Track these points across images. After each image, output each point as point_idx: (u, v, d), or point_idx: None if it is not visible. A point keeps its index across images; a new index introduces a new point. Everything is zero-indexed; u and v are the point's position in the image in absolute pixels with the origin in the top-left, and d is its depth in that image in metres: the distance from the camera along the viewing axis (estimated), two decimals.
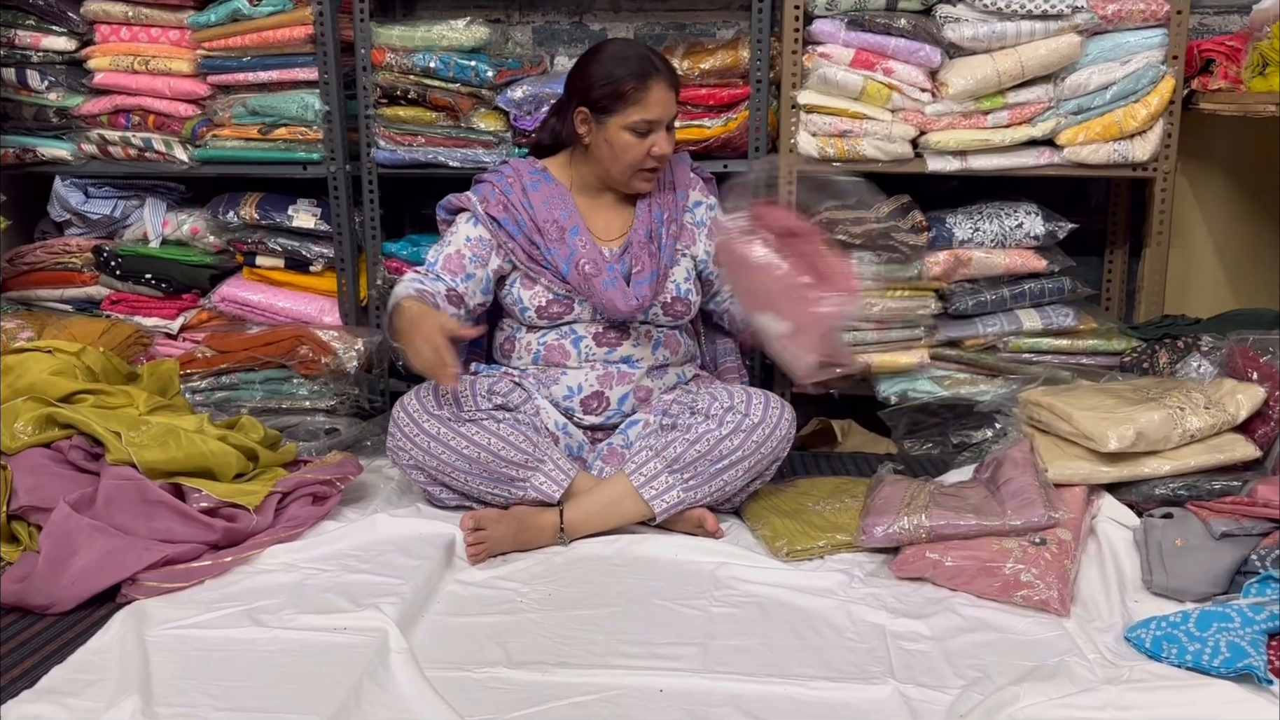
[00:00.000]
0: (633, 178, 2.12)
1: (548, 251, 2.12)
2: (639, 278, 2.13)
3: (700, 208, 2.24)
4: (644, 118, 2.05)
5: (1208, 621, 1.54)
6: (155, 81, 2.61)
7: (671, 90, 2.07)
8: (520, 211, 2.14)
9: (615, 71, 2.05)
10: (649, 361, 2.16)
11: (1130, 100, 2.37)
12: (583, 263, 2.11)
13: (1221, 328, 2.36)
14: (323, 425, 2.50)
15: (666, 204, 2.19)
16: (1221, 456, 1.94)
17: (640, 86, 2.04)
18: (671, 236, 2.18)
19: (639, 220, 2.17)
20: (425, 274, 2.13)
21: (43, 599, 1.72)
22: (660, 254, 2.16)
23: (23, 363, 2.14)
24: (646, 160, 2.09)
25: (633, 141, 2.07)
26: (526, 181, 2.16)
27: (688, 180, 2.23)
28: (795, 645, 1.62)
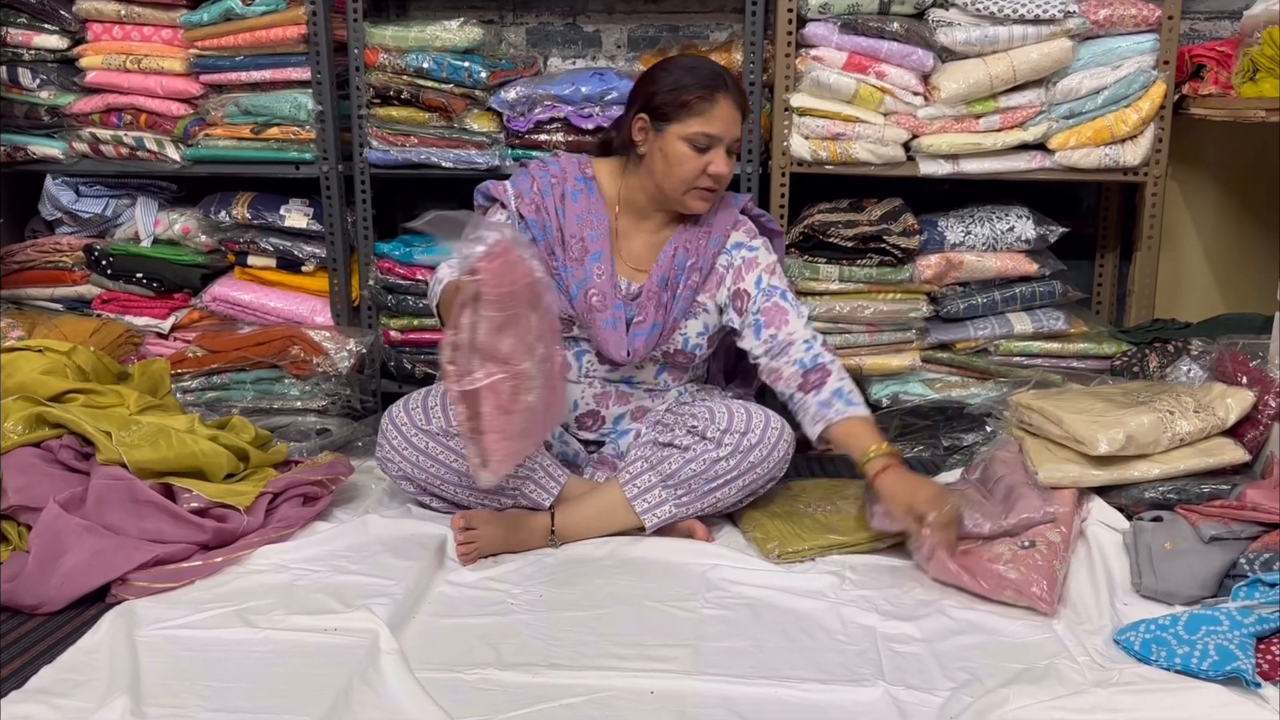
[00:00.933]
0: (686, 194, 2.00)
1: (563, 269, 2.03)
2: (638, 328, 2.03)
3: (739, 250, 2.07)
4: (705, 130, 1.95)
5: (1196, 625, 1.55)
6: (147, 80, 2.60)
7: (738, 110, 1.97)
8: (551, 218, 2.04)
9: (683, 79, 1.97)
10: (650, 384, 2.12)
11: (1121, 105, 2.38)
12: (591, 293, 2.02)
13: (1211, 332, 2.37)
14: (314, 426, 2.50)
15: (696, 249, 2.05)
16: (1211, 460, 1.95)
17: (707, 98, 1.94)
18: (690, 288, 2.05)
19: (658, 265, 2.05)
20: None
21: (32, 599, 1.71)
22: (672, 305, 2.05)
23: (13, 362, 2.13)
24: (701, 178, 1.97)
25: (689, 154, 1.96)
26: (569, 187, 2.06)
27: (730, 224, 2.08)
28: (786, 647, 1.62)
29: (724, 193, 2.10)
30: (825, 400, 1.95)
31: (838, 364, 2.00)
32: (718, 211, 2.08)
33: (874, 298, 2.46)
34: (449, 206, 2.93)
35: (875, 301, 2.46)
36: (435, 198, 2.96)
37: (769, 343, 2.02)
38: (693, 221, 2.08)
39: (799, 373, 1.99)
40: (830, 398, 1.95)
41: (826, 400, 1.95)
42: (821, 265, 2.45)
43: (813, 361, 1.98)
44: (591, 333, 2.05)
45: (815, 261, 2.45)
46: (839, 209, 2.50)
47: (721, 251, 2.07)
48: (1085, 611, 1.71)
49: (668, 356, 2.09)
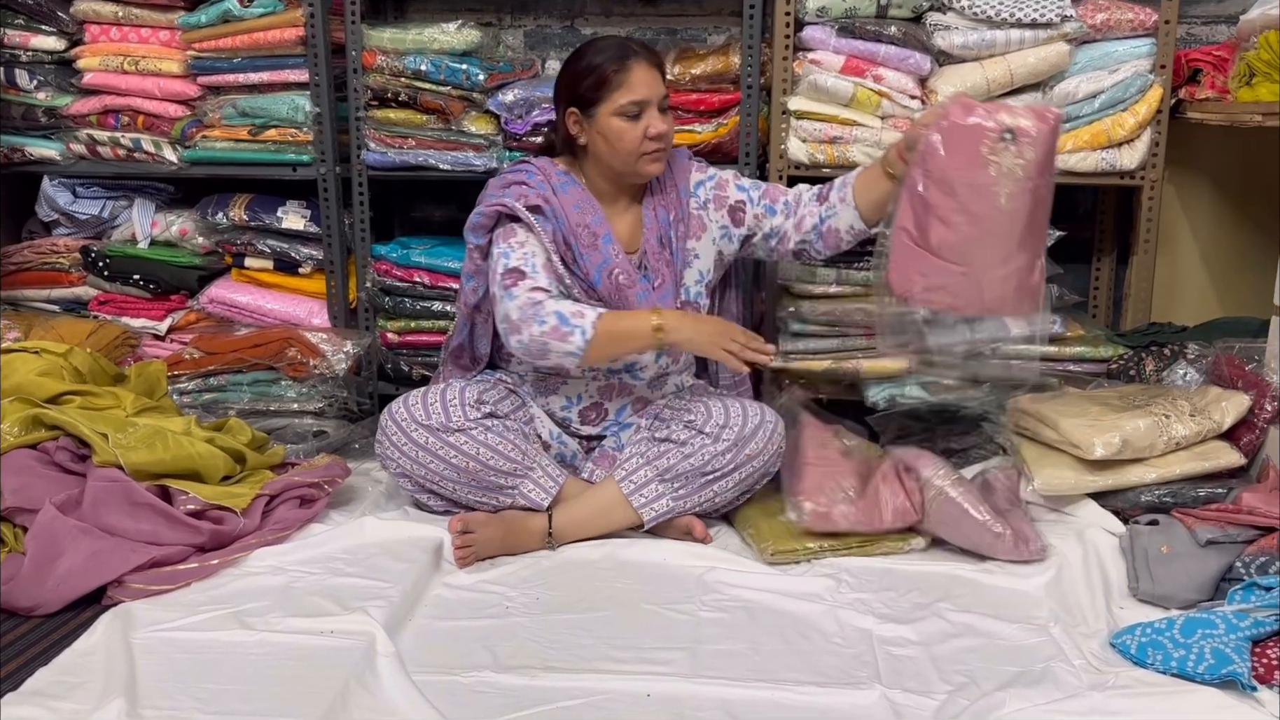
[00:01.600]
0: (638, 163, 2.03)
1: (581, 257, 2.03)
2: (661, 291, 2.07)
3: (702, 187, 2.14)
4: (631, 99, 1.98)
5: (1193, 628, 1.55)
6: (145, 82, 2.60)
7: (654, 69, 2.02)
8: (557, 208, 2.04)
9: (594, 60, 2.00)
10: (652, 370, 2.12)
11: (1118, 109, 2.39)
12: (616, 273, 2.04)
13: (1208, 335, 2.38)
14: (311, 428, 2.49)
15: (671, 204, 2.12)
16: (1207, 464, 1.95)
17: (621, 69, 1.98)
18: (680, 238, 2.11)
19: (648, 228, 2.10)
20: (548, 290, 1.95)
21: (28, 601, 1.71)
22: (674, 261, 2.10)
23: (10, 363, 2.13)
24: (645, 143, 2.01)
25: (626, 126, 2.00)
26: (555, 182, 2.07)
27: (686, 172, 2.15)
28: (783, 650, 1.62)
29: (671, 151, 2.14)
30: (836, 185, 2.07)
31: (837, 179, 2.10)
32: (674, 168, 2.14)
33: (871, 300, 2.46)
34: (446, 209, 2.95)
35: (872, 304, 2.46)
36: (433, 200, 2.96)
37: (785, 209, 2.12)
38: (656, 186, 2.13)
39: (813, 199, 2.10)
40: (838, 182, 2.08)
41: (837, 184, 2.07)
42: (819, 268, 2.45)
43: (814, 193, 2.10)
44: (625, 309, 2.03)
45: (812, 264, 2.45)
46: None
47: (690, 196, 2.13)
48: (1081, 615, 1.71)
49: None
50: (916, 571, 1.87)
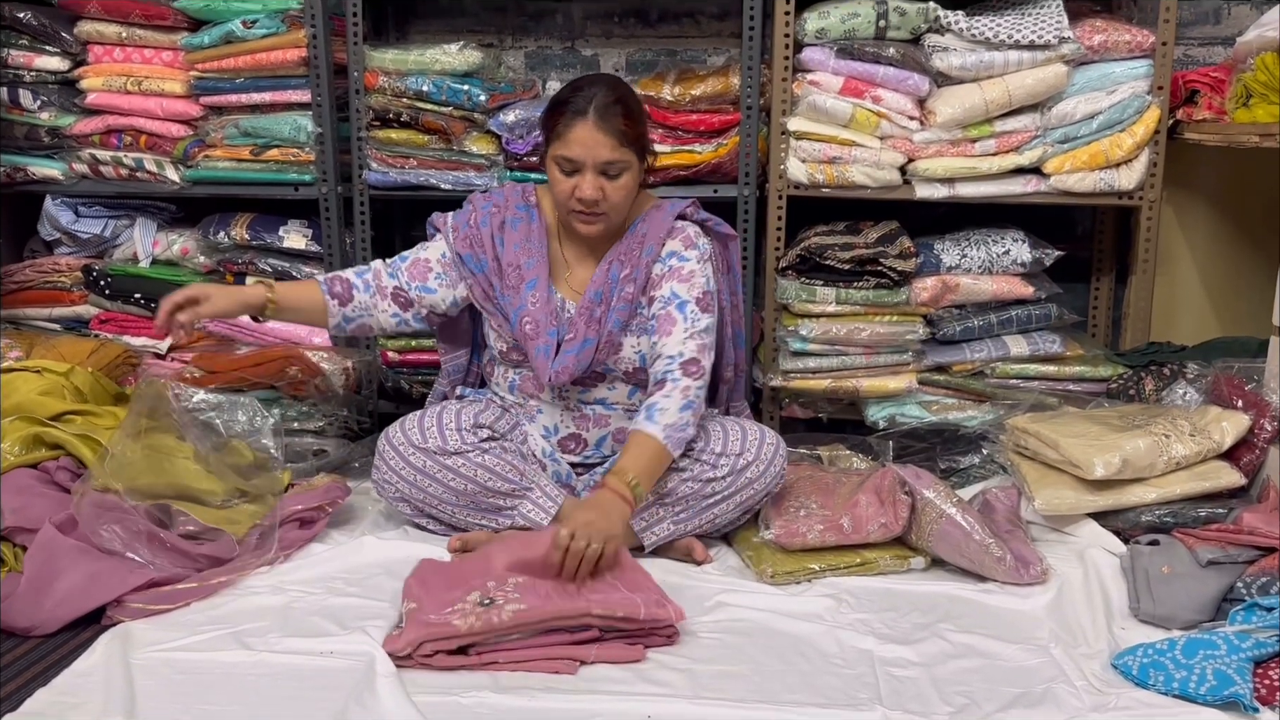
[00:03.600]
0: (568, 216, 1.99)
1: (501, 297, 2.04)
2: (568, 345, 2.00)
3: (672, 259, 2.02)
4: (564, 154, 1.92)
5: (1194, 649, 1.55)
6: (148, 102, 2.61)
7: (604, 134, 1.90)
8: (486, 249, 2.05)
9: (558, 99, 1.97)
10: (625, 404, 2.10)
11: (1116, 130, 2.40)
12: (525, 321, 2.01)
13: (1207, 355, 2.38)
14: (311, 446, 2.49)
15: (630, 259, 2.02)
16: (1207, 484, 1.95)
17: (567, 121, 1.92)
18: (625, 299, 2.01)
19: (594, 280, 2.03)
20: (386, 264, 2.10)
21: (25, 621, 1.70)
22: (606, 318, 2.01)
23: (11, 382, 2.13)
24: (572, 201, 1.94)
25: (559, 177, 1.95)
26: (509, 215, 2.07)
27: (664, 232, 2.03)
28: (783, 671, 1.62)
29: (662, 201, 2.09)
30: (641, 408, 1.94)
31: (681, 384, 1.93)
32: (652, 221, 2.05)
33: (870, 320, 2.47)
34: None
35: (872, 324, 2.47)
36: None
37: (652, 349, 2.01)
38: (631, 235, 2.05)
39: (651, 381, 1.97)
40: (644, 408, 1.93)
41: (640, 409, 1.94)
42: (818, 287, 2.46)
43: (661, 375, 1.96)
44: (529, 359, 2.04)
45: (812, 284, 2.46)
46: (836, 231, 2.51)
47: (656, 260, 2.03)
48: (1082, 635, 1.70)
49: (628, 376, 2.07)
50: (917, 592, 1.87)
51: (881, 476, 2.03)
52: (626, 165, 1.94)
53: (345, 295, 2.07)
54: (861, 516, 1.95)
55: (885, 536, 1.95)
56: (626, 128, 1.93)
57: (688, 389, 1.92)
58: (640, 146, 1.97)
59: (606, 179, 1.93)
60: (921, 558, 1.95)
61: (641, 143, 1.98)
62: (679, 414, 1.90)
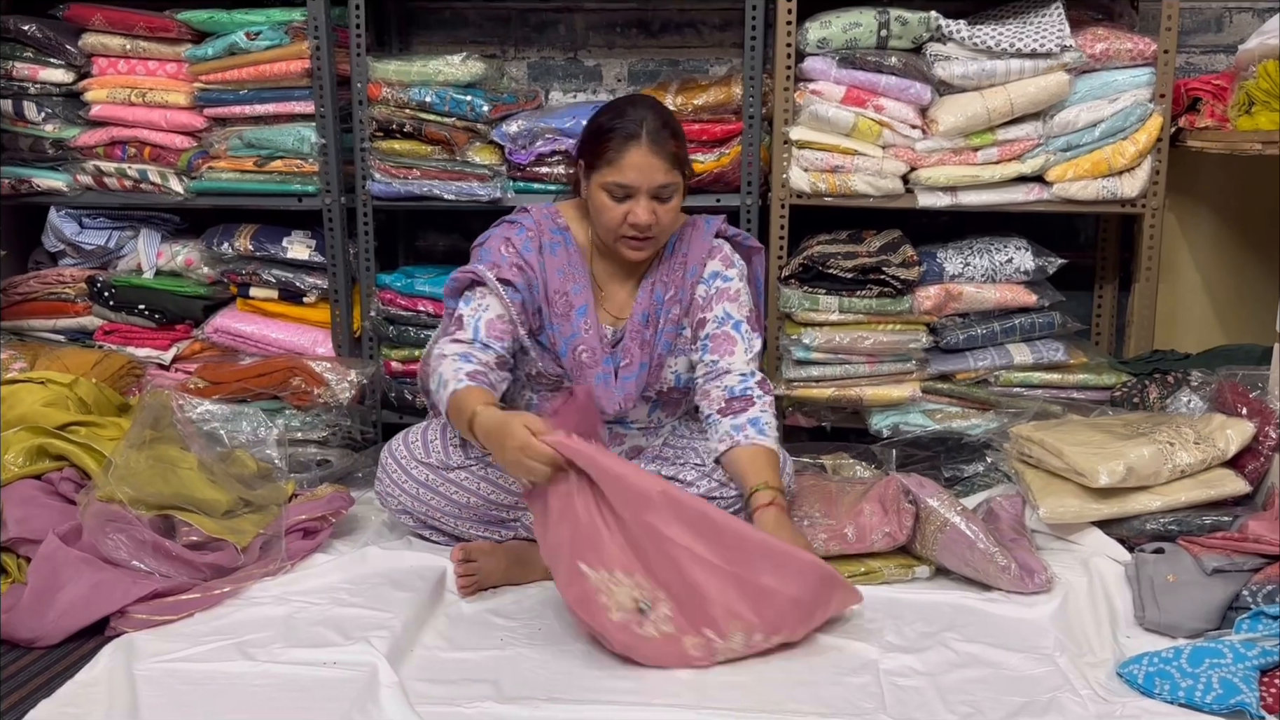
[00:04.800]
0: (616, 242, 1.95)
1: (550, 326, 1.98)
2: (626, 372, 1.99)
3: (716, 280, 2.01)
4: (617, 180, 1.88)
5: (1200, 658, 1.54)
6: (152, 114, 2.62)
7: (657, 158, 1.87)
8: (535, 274, 1.97)
9: (604, 124, 1.92)
10: (643, 424, 2.10)
11: (1118, 138, 2.40)
12: (580, 350, 1.98)
13: (1211, 363, 2.38)
14: (315, 457, 2.49)
15: (674, 281, 2.01)
16: (1212, 492, 1.95)
17: (619, 147, 1.87)
18: (672, 321, 2.00)
19: (638, 303, 2.01)
20: (471, 344, 1.91)
21: (29, 633, 1.71)
22: (655, 341, 2.00)
23: (15, 394, 2.13)
24: (624, 227, 1.91)
25: (609, 204, 1.90)
26: (546, 240, 2.00)
27: (705, 252, 2.02)
28: (788, 680, 1.61)
29: (695, 219, 2.06)
30: (739, 425, 1.92)
31: (766, 400, 1.95)
32: (691, 241, 2.04)
33: (874, 329, 2.47)
34: (450, 239, 2.97)
35: (875, 332, 2.46)
36: (437, 229, 2.98)
37: (709, 367, 1.99)
38: (667, 255, 2.03)
39: (724, 397, 1.95)
40: (745, 423, 1.91)
41: (740, 425, 1.92)
42: (821, 296, 2.46)
43: (741, 390, 1.95)
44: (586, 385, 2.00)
45: (815, 293, 2.46)
46: (838, 240, 2.52)
47: (699, 281, 2.02)
48: (1087, 644, 1.70)
49: (661, 395, 2.07)
50: (922, 601, 1.86)
51: (885, 485, 2.03)
52: (676, 187, 1.93)
53: (489, 384, 1.89)
54: (866, 525, 1.95)
55: (889, 546, 1.94)
56: (677, 150, 1.91)
57: (771, 404, 1.97)
58: (686, 167, 1.97)
59: (659, 203, 1.90)
60: (926, 567, 1.95)
61: (687, 163, 1.98)
62: (776, 430, 1.95)
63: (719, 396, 1.96)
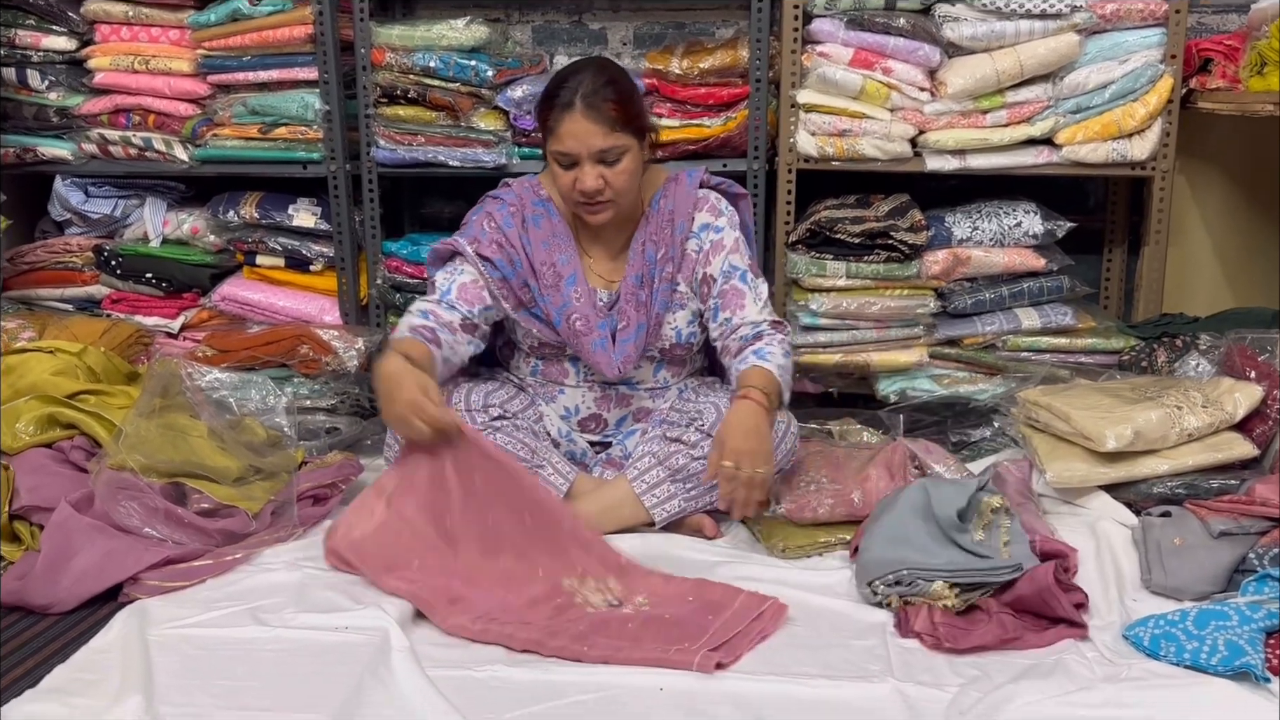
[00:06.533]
0: (575, 209, 1.98)
1: (541, 298, 2.00)
2: (624, 334, 2.01)
3: (707, 233, 2.03)
4: (557, 149, 1.90)
5: (1206, 620, 1.55)
6: (155, 81, 2.61)
7: (593, 123, 1.86)
8: (517, 250, 2.00)
9: (546, 94, 1.93)
10: (650, 384, 2.11)
11: (1129, 99, 2.38)
12: (574, 319, 1.99)
13: (1220, 327, 2.37)
14: (323, 424, 2.50)
15: (663, 239, 2.02)
16: (1219, 455, 1.95)
17: (557, 115, 1.88)
18: (666, 279, 2.01)
19: (630, 265, 2.02)
20: (438, 303, 1.98)
21: (43, 599, 1.72)
22: (652, 301, 2.02)
23: (24, 363, 2.14)
24: (574, 194, 1.93)
25: (559, 172, 1.93)
26: (529, 213, 2.03)
27: (691, 206, 2.03)
28: (794, 644, 1.62)
29: (677, 174, 2.05)
30: (744, 357, 1.96)
31: (776, 336, 1.98)
32: (676, 197, 2.03)
33: (881, 294, 2.46)
34: (456, 206, 2.96)
35: (882, 297, 2.46)
36: (443, 196, 2.97)
37: (723, 325, 2.01)
38: (653, 214, 2.04)
39: (738, 346, 1.99)
40: (749, 354, 1.95)
41: (745, 357, 1.96)
42: (828, 261, 2.45)
43: (753, 334, 1.98)
44: (581, 355, 2.04)
45: (822, 258, 2.45)
46: (846, 205, 2.50)
47: (689, 236, 2.03)
48: (1094, 607, 1.70)
49: (664, 353, 2.08)
50: None
51: (892, 451, 2.03)
52: (624, 149, 1.91)
53: (434, 339, 1.93)
54: (872, 490, 1.95)
55: None
56: (617, 112, 1.89)
57: (783, 340, 1.99)
58: (637, 127, 1.94)
59: (606, 166, 1.90)
60: None
61: (638, 123, 1.94)
62: (783, 359, 1.96)
63: (735, 348, 2.00)
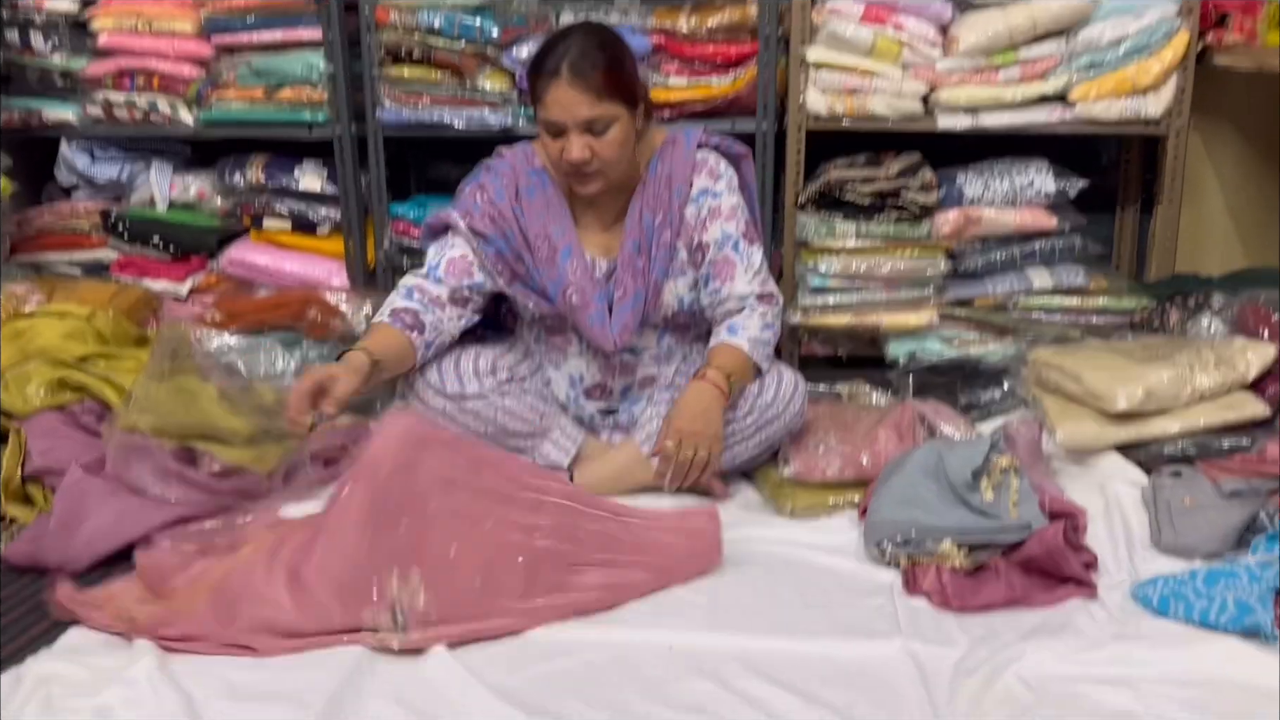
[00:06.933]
0: (564, 177, 1.93)
1: (535, 271, 1.97)
2: (621, 303, 1.97)
3: (705, 198, 1.97)
4: (544, 118, 1.85)
5: (1215, 579, 1.55)
6: (159, 42, 2.59)
7: (579, 91, 1.81)
8: (510, 223, 1.96)
9: (534, 61, 1.87)
10: (654, 351, 2.09)
11: (1144, 55, 2.34)
12: (570, 292, 1.96)
13: (1233, 286, 2.35)
14: None
15: (660, 204, 1.96)
16: (1231, 415, 1.94)
17: (543, 83, 1.83)
18: (664, 246, 1.96)
19: (628, 232, 1.97)
20: (426, 277, 1.98)
21: (56, 560, 1.74)
22: (650, 268, 1.97)
23: (34, 326, 2.15)
24: (561, 163, 1.88)
25: (547, 141, 1.87)
26: (523, 184, 1.98)
27: (690, 169, 1.97)
28: (802, 602, 1.63)
29: (675, 135, 2.01)
30: (719, 331, 1.98)
31: (759, 309, 1.98)
32: (673, 160, 1.97)
33: (891, 254, 2.44)
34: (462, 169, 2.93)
35: (893, 258, 2.44)
36: (450, 159, 2.95)
37: (713, 295, 2.00)
38: (650, 178, 1.99)
39: (722, 316, 2.00)
40: (723, 329, 1.97)
41: (719, 331, 1.98)
42: (838, 222, 2.43)
43: (737, 306, 1.98)
44: (579, 328, 2.02)
45: (832, 219, 2.43)
46: (856, 165, 2.48)
47: (688, 201, 1.97)
48: (1103, 567, 1.70)
49: (667, 321, 2.06)
50: None
51: (901, 412, 2.02)
52: (613, 118, 1.86)
53: (415, 323, 1.93)
54: (881, 452, 1.95)
55: None
56: (604, 80, 1.82)
57: (765, 313, 1.99)
58: (627, 94, 1.87)
59: (593, 136, 1.84)
60: None
61: (627, 91, 1.88)
62: (760, 331, 1.97)
63: (719, 319, 2.02)
